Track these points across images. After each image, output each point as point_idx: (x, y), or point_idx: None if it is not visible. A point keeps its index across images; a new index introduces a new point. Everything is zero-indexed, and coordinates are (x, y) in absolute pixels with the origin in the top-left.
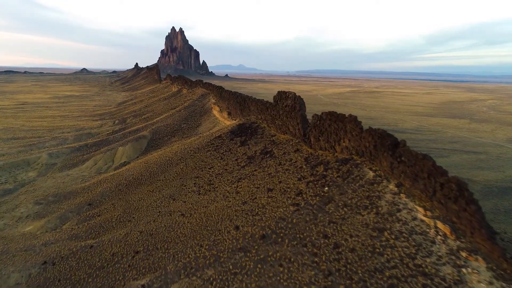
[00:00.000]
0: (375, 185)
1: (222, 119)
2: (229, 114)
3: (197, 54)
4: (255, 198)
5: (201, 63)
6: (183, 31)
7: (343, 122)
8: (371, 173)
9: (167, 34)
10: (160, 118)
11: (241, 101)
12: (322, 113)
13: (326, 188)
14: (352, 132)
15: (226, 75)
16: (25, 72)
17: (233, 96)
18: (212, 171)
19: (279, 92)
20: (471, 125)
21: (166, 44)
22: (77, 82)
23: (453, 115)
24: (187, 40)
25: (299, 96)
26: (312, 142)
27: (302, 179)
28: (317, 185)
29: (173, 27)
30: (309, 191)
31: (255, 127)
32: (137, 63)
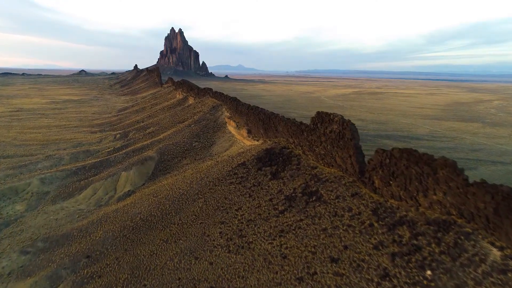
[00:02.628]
0: (509, 275)
1: (240, 137)
2: (248, 132)
3: (196, 55)
4: (315, 273)
5: (200, 64)
6: (182, 32)
7: (431, 166)
8: (496, 252)
9: (167, 35)
10: (168, 133)
11: (264, 119)
12: (393, 149)
13: (429, 272)
14: (449, 183)
15: (226, 76)
16: (23, 74)
17: (254, 111)
18: (242, 216)
19: (319, 114)
20: (486, 130)
21: (165, 45)
22: (76, 84)
23: (464, 118)
24: (187, 41)
25: (349, 120)
26: (377, 185)
27: (380, 247)
28: (410, 264)
29: (172, 28)
30: (400, 273)
31: (287, 153)
32: (136, 65)
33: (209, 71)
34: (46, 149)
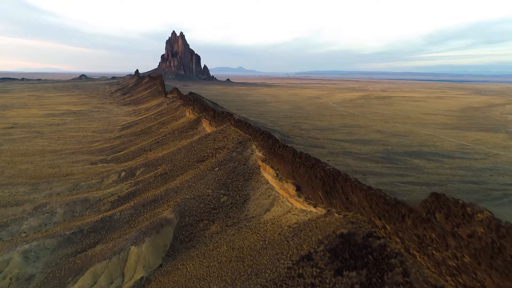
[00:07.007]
0: None
1: (284, 194)
2: (298, 189)
3: (198, 58)
4: None
5: (202, 68)
6: (183, 35)
7: None
8: None
9: (168, 38)
10: (185, 178)
11: (325, 177)
12: None
13: None
14: None
15: (228, 79)
16: (22, 79)
17: (305, 163)
18: None
19: (439, 199)
20: None
21: (166, 48)
22: (75, 91)
23: (484, 127)
24: (188, 45)
25: (509, 225)
26: None
27: None
28: None
29: (173, 31)
30: None
31: (377, 247)
32: (137, 70)
33: (211, 74)
34: (36, 194)
